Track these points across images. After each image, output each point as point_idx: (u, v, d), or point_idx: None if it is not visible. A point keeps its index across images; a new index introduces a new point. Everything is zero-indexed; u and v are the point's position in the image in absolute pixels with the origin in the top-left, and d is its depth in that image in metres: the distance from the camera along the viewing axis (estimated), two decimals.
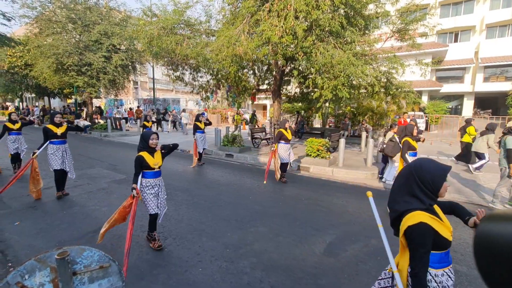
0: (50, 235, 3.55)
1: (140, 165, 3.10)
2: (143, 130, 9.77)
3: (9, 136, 6.36)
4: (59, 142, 4.82)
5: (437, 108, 22.38)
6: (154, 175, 3.20)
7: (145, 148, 3.13)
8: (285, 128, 6.17)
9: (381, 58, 7.96)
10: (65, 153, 4.92)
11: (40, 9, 15.46)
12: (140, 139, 3.18)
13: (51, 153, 4.75)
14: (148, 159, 3.11)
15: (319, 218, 4.24)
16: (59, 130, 4.81)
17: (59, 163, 4.78)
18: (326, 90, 7.06)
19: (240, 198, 5.14)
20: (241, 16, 7.69)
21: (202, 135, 8.03)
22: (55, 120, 4.80)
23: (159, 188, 3.29)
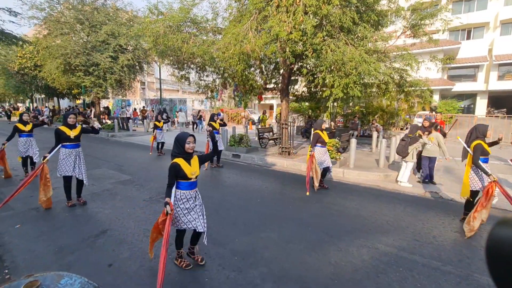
0: (51, 239, 3.40)
1: (176, 174, 2.65)
2: (154, 130, 9.59)
3: (19, 138, 5.99)
4: (72, 145, 4.34)
5: (449, 107, 21.76)
6: (190, 186, 2.75)
7: (181, 154, 2.68)
8: (322, 129, 5.61)
9: (394, 55, 7.63)
10: (78, 158, 4.41)
11: (49, 10, 15.59)
12: (174, 144, 2.73)
13: (63, 158, 4.28)
14: (184, 167, 2.65)
15: (332, 223, 3.99)
16: (73, 132, 4.33)
17: (70, 169, 4.31)
18: (337, 89, 6.78)
19: (247, 201, 4.93)
20: (249, 13, 7.48)
21: (217, 136, 7.62)
22: (69, 121, 4.32)
23: (195, 201, 2.82)
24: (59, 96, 26.07)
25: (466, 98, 25.72)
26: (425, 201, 5.16)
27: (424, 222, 4.11)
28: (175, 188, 2.71)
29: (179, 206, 2.73)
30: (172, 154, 2.71)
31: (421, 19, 7.28)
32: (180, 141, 2.68)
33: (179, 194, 2.73)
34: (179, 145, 2.68)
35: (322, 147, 5.67)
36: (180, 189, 2.72)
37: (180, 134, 2.74)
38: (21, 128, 5.96)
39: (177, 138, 2.72)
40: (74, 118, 4.38)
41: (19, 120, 6.08)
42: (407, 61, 7.04)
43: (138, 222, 3.90)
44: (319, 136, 5.57)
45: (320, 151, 5.61)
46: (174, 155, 2.70)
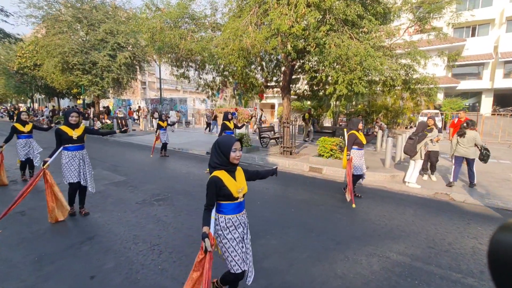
0: (32, 247, 3.12)
1: (218, 193, 1.92)
2: (157, 130, 8.95)
3: (18, 140, 5.45)
4: (75, 147, 3.83)
5: (453, 105, 21.35)
6: (237, 208, 2.01)
7: (224, 164, 1.95)
8: (358, 129, 4.84)
9: (400, 49, 7.30)
10: (83, 161, 3.90)
11: (47, 9, 15.38)
12: (213, 151, 1.99)
13: (66, 161, 3.75)
14: (229, 183, 1.93)
15: (338, 228, 3.68)
16: (75, 132, 3.81)
17: (76, 175, 3.79)
18: (340, 85, 6.47)
19: (247, 203, 4.56)
20: (248, 7, 7.20)
21: None
22: (70, 120, 3.78)
23: (244, 228, 2.11)
24: (59, 96, 25.92)
25: (470, 96, 25.28)
26: (436, 204, 4.84)
27: (437, 226, 3.80)
28: (215, 213, 1.98)
29: (225, 237, 1.98)
30: (211, 165, 2.00)
31: (428, 12, 6.95)
32: (223, 148, 1.94)
33: (223, 221, 1.98)
34: (222, 153, 1.93)
35: (359, 150, 4.89)
36: (223, 214, 1.99)
37: (223, 138, 2.00)
38: (19, 128, 5.43)
39: (219, 143, 1.97)
40: (77, 117, 3.86)
41: (17, 120, 5.51)
42: (414, 56, 6.71)
43: (128, 228, 3.62)
44: (355, 137, 4.80)
45: (357, 154, 4.86)
46: (214, 167, 1.98)
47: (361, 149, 4.92)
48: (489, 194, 5.14)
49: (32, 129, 5.63)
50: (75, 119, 3.84)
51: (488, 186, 5.61)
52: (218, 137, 7.12)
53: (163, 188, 5.36)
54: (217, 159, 1.95)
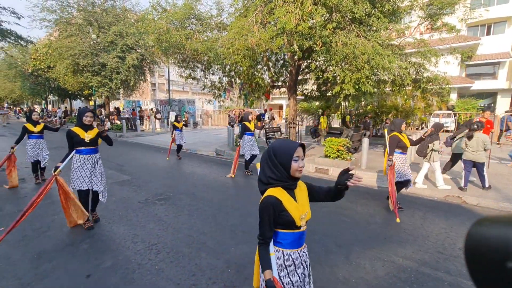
0: (32, 244, 3.14)
1: (275, 220, 1.41)
2: (172, 131, 8.53)
3: (28, 140, 5.30)
4: (88, 151, 3.45)
5: (467, 106, 20.66)
6: (299, 240, 1.48)
7: (282, 179, 1.41)
8: (400, 131, 4.29)
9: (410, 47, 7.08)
10: (96, 166, 3.52)
11: (59, 12, 15.80)
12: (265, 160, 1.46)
13: (77, 166, 3.39)
14: (290, 206, 1.40)
15: (342, 231, 3.55)
16: (88, 135, 3.42)
17: (86, 181, 3.40)
18: (347, 84, 6.32)
19: (249, 204, 4.55)
20: (254, 6, 7.15)
21: (251, 138, 6.55)
22: (84, 121, 3.39)
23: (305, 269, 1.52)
24: (72, 98, 26.59)
25: (486, 97, 24.44)
26: (447, 207, 4.63)
27: (448, 231, 3.62)
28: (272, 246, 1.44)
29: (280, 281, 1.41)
30: (262, 181, 1.46)
31: (440, 8, 6.71)
32: (281, 156, 1.39)
33: (280, 257, 1.43)
34: (279, 164, 1.39)
35: (403, 154, 4.36)
36: (280, 247, 1.45)
37: (280, 143, 1.46)
38: (30, 128, 5.31)
39: (275, 150, 1.42)
40: (91, 117, 3.45)
41: (28, 120, 5.38)
42: (425, 55, 6.49)
43: (129, 227, 3.60)
44: (399, 140, 4.25)
45: (400, 159, 4.33)
46: (267, 182, 1.44)
47: (405, 154, 4.40)
48: (504, 197, 4.89)
49: (43, 129, 5.52)
50: (90, 120, 3.43)
51: (502, 189, 5.34)
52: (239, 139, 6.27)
53: (166, 188, 5.35)
54: (272, 172, 1.41)
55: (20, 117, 34.85)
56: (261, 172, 1.48)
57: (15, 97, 36.37)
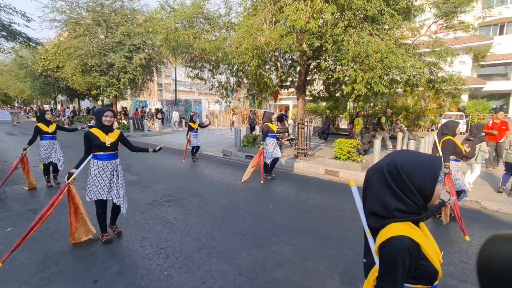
0: (39, 246, 3.06)
1: (412, 273, 0.99)
2: (188, 132, 8.09)
3: (41, 141, 5.04)
4: (108, 156, 3.03)
5: (479, 107, 20.17)
6: None
7: (416, 211, 1.01)
8: (455, 134, 3.79)
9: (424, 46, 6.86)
10: (115, 173, 3.11)
11: (69, 13, 15.96)
12: (387, 182, 1.01)
13: (95, 173, 2.98)
14: (428, 250, 1.01)
15: (357, 238, 3.39)
16: (109, 138, 3.00)
17: (105, 191, 3.00)
18: (359, 84, 6.15)
19: (259, 207, 4.42)
20: (263, 5, 7.03)
21: (274, 141, 6.06)
22: (104, 121, 2.97)
23: None
24: (80, 97, 26.89)
25: (498, 98, 23.86)
26: (466, 212, 4.41)
27: (470, 238, 3.42)
28: None
29: None
30: (379, 214, 1.04)
31: (456, 6, 6.48)
32: (419, 177, 0.97)
33: None
34: (416, 189, 0.98)
35: (457, 161, 3.90)
36: None
37: (411, 155, 1.03)
38: (43, 129, 5.03)
39: (405, 166, 0.99)
40: (111, 117, 3.02)
41: (41, 120, 5.10)
42: (440, 54, 6.26)
43: (136, 229, 3.50)
44: (454, 145, 3.74)
45: (456, 167, 3.85)
46: (392, 215, 1.00)
47: (459, 161, 3.95)
48: None
49: (56, 129, 5.25)
50: (110, 120, 3.01)
51: None
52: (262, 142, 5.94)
53: (173, 189, 5.26)
54: (400, 201, 0.98)
55: (30, 117, 35.46)
56: (374, 200, 1.02)
57: (25, 96, 37.03)
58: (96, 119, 3.05)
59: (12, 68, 29.65)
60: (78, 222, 3.10)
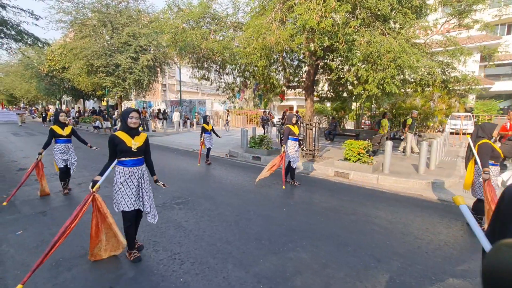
0: None
1: None
2: (202, 134, 7.80)
3: (56, 145, 4.79)
4: (134, 162, 2.75)
5: (487, 108, 19.89)
6: None
7: None
8: (491, 137, 3.56)
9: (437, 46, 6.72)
10: (142, 180, 2.82)
11: (75, 14, 16.01)
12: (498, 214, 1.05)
13: (121, 181, 2.70)
14: None
15: (376, 242, 3.28)
16: (136, 141, 2.71)
17: (133, 200, 2.72)
18: (371, 85, 6.03)
19: (271, 210, 4.32)
20: (272, 4, 6.94)
21: (295, 144, 5.80)
22: (130, 123, 2.67)
23: None
24: (85, 98, 26.99)
25: (505, 98, 23.53)
26: None
27: None
28: None
29: None
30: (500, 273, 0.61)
31: (470, 5, 6.34)
32: None
33: None
34: None
35: (495, 166, 3.61)
36: None
37: None
38: (58, 132, 4.73)
39: None
40: (137, 118, 2.73)
41: (55, 122, 4.83)
42: (454, 53, 6.12)
43: (148, 233, 3.42)
44: (492, 149, 3.50)
45: (494, 172, 3.56)
46: None
47: (497, 165, 3.62)
48: None
49: (71, 132, 4.95)
50: (135, 121, 2.69)
51: None
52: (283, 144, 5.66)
53: (183, 191, 5.18)
54: None
55: (35, 117, 35.71)
56: None
57: (30, 97, 37.29)
58: (121, 121, 2.75)
59: (18, 69, 29.89)
60: (100, 236, 2.77)
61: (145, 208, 2.80)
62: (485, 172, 3.34)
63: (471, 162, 3.66)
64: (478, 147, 3.54)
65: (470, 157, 3.68)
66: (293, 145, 5.75)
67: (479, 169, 3.50)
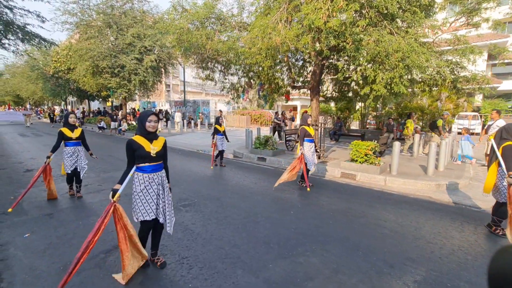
0: (58, 253, 2.97)
1: None
2: (213, 135, 7.54)
3: (65, 148, 4.59)
4: (154, 167, 2.59)
5: (495, 107, 19.57)
6: None
7: None
8: None
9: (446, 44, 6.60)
10: (162, 187, 2.65)
11: (80, 15, 16.11)
12: None
13: (141, 189, 2.53)
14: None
15: (388, 246, 3.20)
16: (154, 146, 2.57)
17: (153, 209, 2.57)
18: (378, 85, 5.94)
19: (279, 212, 4.26)
20: (277, 4, 6.88)
21: (312, 145, 5.59)
22: (148, 127, 2.51)
23: None
24: (90, 99, 27.19)
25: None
26: None
27: None
28: None
29: None
30: None
31: (480, 3, 6.21)
32: None
33: None
34: None
35: None
36: None
37: None
38: (67, 134, 4.56)
39: None
40: (156, 122, 2.58)
41: (65, 124, 4.66)
42: (464, 52, 6.00)
43: None
44: None
45: None
46: None
47: None
48: None
49: (81, 135, 4.78)
50: (154, 125, 2.54)
51: None
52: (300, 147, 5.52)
53: (189, 193, 5.15)
54: None
55: (41, 117, 36.09)
56: None
57: (36, 98, 37.68)
58: (138, 125, 2.59)
59: (24, 70, 30.22)
60: (129, 248, 2.51)
61: (165, 217, 2.64)
62: (510, 176, 3.18)
63: (493, 165, 3.48)
64: (503, 150, 3.35)
65: (493, 159, 3.52)
66: (309, 147, 5.55)
67: (503, 172, 3.34)
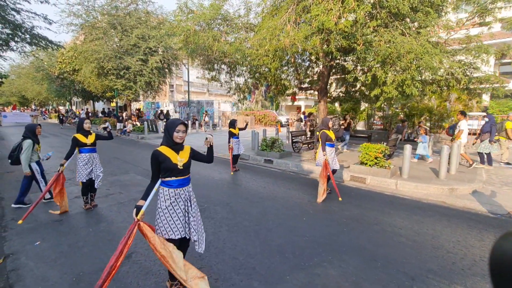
0: (69, 263, 2.92)
1: None
2: (229, 139, 7.30)
3: (80, 155, 4.28)
4: (181, 182, 2.38)
5: (503, 107, 19.28)
6: None
7: None
8: None
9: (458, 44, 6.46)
10: (189, 202, 2.44)
11: (85, 17, 16.15)
12: None
13: (167, 205, 2.33)
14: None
15: (406, 257, 3.10)
16: (181, 157, 2.38)
17: (179, 226, 2.34)
18: (390, 86, 5.82)
19: (291, 219, 4.18)
20: (286, 5, 6.78)
21: (332, 150, 5.33)
22: (175, 138, 2.32)
23: None
24: (95, 100, 27.31)
25: None
26: None
27: None
28: None
29: None
30: None
31: (493, 2, 6.06)
32: None
33: None
34: None
35: None
36: None
37: None
38: (82, 140, 4.26)
39: None
40: (184, 132, 2.37)
41: (78, 130, 4.33)
42: (477, 53, 5.86)
43: None
44: None
45: None
46: None
47: None
48: None
49: (96, 140, 4.46)
50: (182, 136, 2.34)
51: None
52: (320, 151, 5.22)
53: (198, 198, 5.04)
54: None
55: (46, 118, 36.36)
56: None
57: (41, 98, 37.97)
58: (165, 134, 2.39)
59: (30, 71, 30.45)
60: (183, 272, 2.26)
61: (191, 236, 2.40)
62: None
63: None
64: None
65: None
66: (330, 152, 5.26)
67: None
